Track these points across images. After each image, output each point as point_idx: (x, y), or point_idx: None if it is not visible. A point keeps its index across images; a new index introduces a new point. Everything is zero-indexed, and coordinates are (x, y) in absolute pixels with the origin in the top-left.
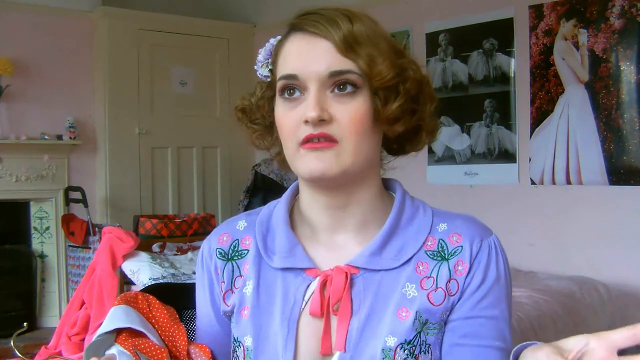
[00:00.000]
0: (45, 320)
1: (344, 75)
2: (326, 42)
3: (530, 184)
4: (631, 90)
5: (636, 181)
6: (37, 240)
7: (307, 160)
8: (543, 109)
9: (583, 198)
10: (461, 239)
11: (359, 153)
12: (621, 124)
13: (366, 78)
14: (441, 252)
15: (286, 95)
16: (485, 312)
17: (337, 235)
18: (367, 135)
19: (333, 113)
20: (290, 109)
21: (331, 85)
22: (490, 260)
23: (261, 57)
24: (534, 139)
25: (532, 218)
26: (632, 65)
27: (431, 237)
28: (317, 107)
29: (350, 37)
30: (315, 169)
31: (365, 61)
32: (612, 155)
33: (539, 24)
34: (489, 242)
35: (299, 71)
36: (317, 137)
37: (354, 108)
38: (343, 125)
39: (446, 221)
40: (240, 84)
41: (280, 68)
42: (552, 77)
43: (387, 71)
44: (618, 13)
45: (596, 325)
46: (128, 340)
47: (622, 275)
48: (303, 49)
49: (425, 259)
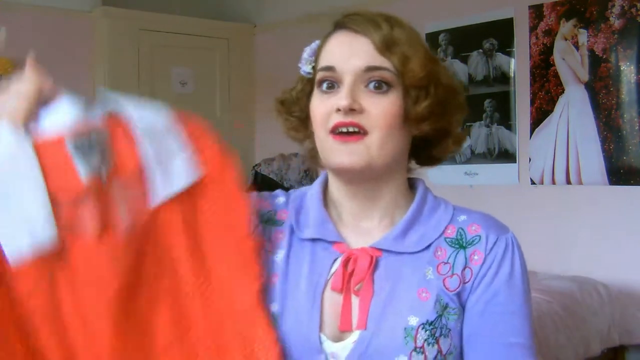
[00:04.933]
0: None
1: (379, 71)
2: (365, 40)
3: (530, 184)
4: (631, 90)
5: (636, 181)
6: None
7: (336, 151)
8: (543, 109)
9: (583, 198)
10: (479, 229)
11: (386, 147)
12: (621, 124)
13: (399, 76)
14: (459, 240)
15: (324, 88)
16: (500, 308)
17: (362, 222)
18: (395, 131)
19: (364, 105)
20: (325, 99)
21: (366, 80)
22: (506, 256)
23: (306, 55)
24: (533, 139)
25: (532, 218)
26: (632, 65)
27: (451, 225)
28: (349, 96)
29: (389, 39)
30: (343, 161)
31: (400, 59)
32: (612, 155)
33: (539, 24)
34: (506, 238)
35: (336, 64)
36: (346, 125)
37: (386, 103)
38: (373, 117)
39: (466, 214)
40: (240, 84)
41: (320, 62)
42: (552, 77)
43: (419, 70)
44: (618, 13)
45: (596, 325)
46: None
47: (622, 275)
48: (343, 43)
49: (444, 246)
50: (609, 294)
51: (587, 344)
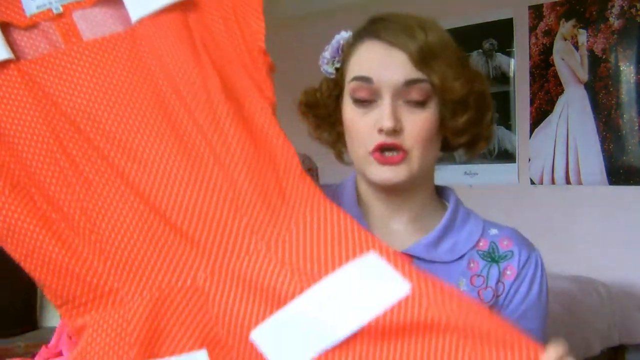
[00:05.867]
0: (46, 320)
1: (418, 84)
2: (402, 53)
3: (530, 183)
4: (631, 90)
5: (636, 181)
6: None
7: (377, 169)
8: (543, 109)
9: (583, 198)
10: (511, 244)
11: (425, 160)
12: (621, 124)
13: (438, 91)
14: (492, 254)
15: (359, 99)
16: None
17: (390, 224)
18: (432, 144)
19: (404, 123)
20: (363, 114)
21: (405, 94)
22: (536, 275)
23: (327, 55)
24: (533, 139)
25: (532, 218)
26: (632, 66)
27: (483, 238)
28: (392, 117)
29: (426, 49)
30: (385, 179)
31: (439, 76)
32: (611, 155)
33: (539, 24)
34: (535, 257)
35: (373, 76)
36: (389, 146)
37: (424, 118)
38: (413, 135)
39: (496, 227)
40: None
41: (352, 69)
42: (551, 77)
43: (459, 88)
44: (617, 13)
45: (596, 325)
46: None
47: (622, 275)
48: (379, 56)
49: (476, 258)
50: (609, 294)
51: (587, 344)
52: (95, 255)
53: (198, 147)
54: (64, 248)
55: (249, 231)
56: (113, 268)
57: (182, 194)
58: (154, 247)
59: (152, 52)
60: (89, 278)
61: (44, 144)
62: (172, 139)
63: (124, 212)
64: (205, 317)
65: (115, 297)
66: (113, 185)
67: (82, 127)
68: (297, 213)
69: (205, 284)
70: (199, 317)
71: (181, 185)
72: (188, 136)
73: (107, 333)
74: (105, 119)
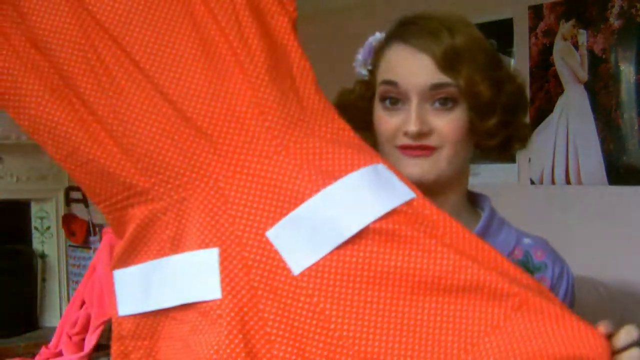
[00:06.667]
0: (45, 320)
1: (444, 88)
2: (426, 57)
3: (530, 183)
4: (630, 91)
5: (636, 181)
6: (38, 240)
7: (405, 164)
8: (542, 109)
9: (583, 198)
10: (544, 256)
11: (455, 161)
12: (621, 124)
13: (464, 94)
14: (526, 264)
15: (387, 104)
16: None
17: None
18: (463, 145)
19: (432, 125)
20: (390, 116)
21: (431, 98)
22: (568, 290)
23: (360, 57)
24: (533, 139)
25: (532, 218)
26: (632, 66)
27: (518, 247)
28: (417, 121)
29: (451, 52)
30: (412, 174)
31: (465, 80)
32: (611, 155)
33: (539, 25)
34: (567, 272)
35: (399, 80)
36: (416, 147)
37: (453, 119)
38: (443, 135)
39: (528, 237)
40: None
41: (382, 73)
42: (551, 78)
43: (486, 91)
44: (617, 13)
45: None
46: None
47: (622, 275)
48: (405, 59)
49: None
50: (609, 294)
51: None
52: (128, 157)
53: (224, 56)
54: (99, 149)
55: (270, 135)
56: (144, 169)
57: (209, 100)
58: (180, 150)
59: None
60: (123, 178)
61: (80, 52)
62: (200, 48)
63: (152, 116)
64: (223, 217)
65: (147, 196)
66: (144, 91)
67: (116, 34)
68: (314, 123)
69: (226, 185)
70: (216, 217)
71: (208, 91)
72: (215, 45)
73: (143, 226)
74: (139, 27)
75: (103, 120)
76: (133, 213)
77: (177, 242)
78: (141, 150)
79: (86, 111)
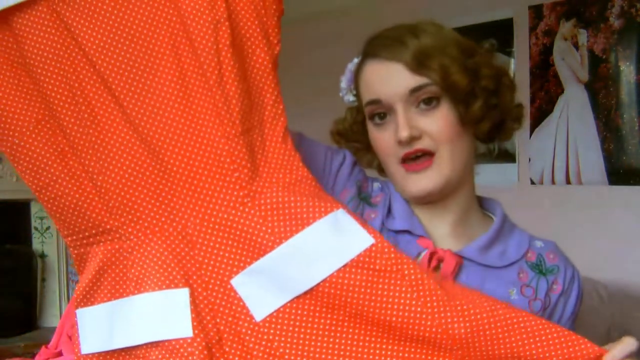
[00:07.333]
0: (45, 320)
1: (423, 89)
2: (398, 64)
3: (530, 183)
4: (631, 90)
5: (636, 181)
6: (37, 240)
7: (411, 181)
8: (543, 109)
9: (583, 198)
10: (557, 259)
11: (456, 159)
12: (621, 124)
13: (443, 88)
14: (539, 267)
15: (377, 121)
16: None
17: (434, 228)
18: (459, 140)
19: (422, 128)
20: (382, 131)
21: (415, 101)
22: (578, 294)
23: (344, 84)
24: (533, 139)
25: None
26: (632, 66)
27: (531, 250)
28: (406, 126)
29: (419, 53)
30: (420, 189)
31: (439, 74)
32: (611, 155)
33: (539, 24)
34: (577, 276)
35: (380, 95)
36: (414, 153)
37: (440, 117)
38: (435, 136)
39: (540, 240)
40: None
41: (364, 94)
42: (551, 77)
43: (462, 79)
44: (618, 13)
45: (596, 326)
46: None
47: (622, 275)
48: (380, 73)
49: (526, 269)
50: (609, 294)
51: None
52: (100, 196)
53: (203, 99)
54: (74, 185)
55: (238, 185)
56: (115, 208)
57: (185, 145)
58: (151, 192)
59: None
60: (94, 215)
61: (67, 84)
62: (180, 89)
63: (128, 157)
64: (190, 262)
65: (114, 234)
66: (122, 130)
67: (102, 69)
68: (278, 173)
69: (193, 232)
70: (183, 261)
71: (185, 135)
72: (194, 86)
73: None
74: (123, 62)
75: (82, 155)
76: (98, 250)
77: (142, 281)
78: (114, 190)
79: (67, 144)
